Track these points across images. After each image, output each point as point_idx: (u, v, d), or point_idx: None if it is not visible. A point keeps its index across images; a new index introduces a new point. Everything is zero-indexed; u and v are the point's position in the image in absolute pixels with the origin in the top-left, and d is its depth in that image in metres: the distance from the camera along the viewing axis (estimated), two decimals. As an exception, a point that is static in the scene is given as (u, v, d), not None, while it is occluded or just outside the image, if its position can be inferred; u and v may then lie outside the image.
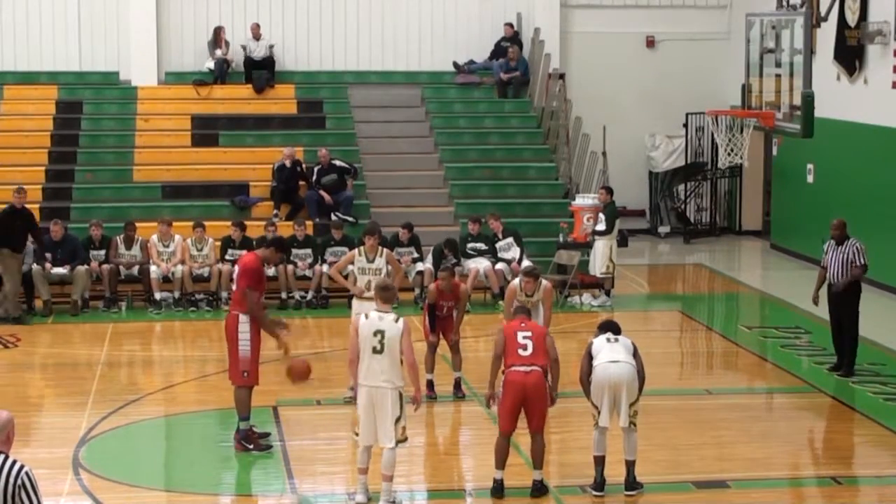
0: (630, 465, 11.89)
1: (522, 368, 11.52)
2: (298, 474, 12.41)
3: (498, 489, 11.65)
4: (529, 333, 11.70)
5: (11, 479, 7.46)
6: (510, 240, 20.88)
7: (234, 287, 13.24)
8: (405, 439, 11.47)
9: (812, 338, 18.07)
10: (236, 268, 13.27)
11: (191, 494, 12.03)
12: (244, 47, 25.43)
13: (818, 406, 15.08)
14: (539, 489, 11.72)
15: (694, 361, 18.53)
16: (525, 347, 11.59)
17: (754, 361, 17.44)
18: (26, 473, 7.49)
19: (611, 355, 11.78)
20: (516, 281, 14.52)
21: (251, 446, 12.95)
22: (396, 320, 11.33)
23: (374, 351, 11.25)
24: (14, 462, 7.52)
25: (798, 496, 12.53)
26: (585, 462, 12.11)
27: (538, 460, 11.72)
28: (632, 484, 11.85)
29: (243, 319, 12.82)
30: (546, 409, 11.71)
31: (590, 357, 11.88)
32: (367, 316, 11.49)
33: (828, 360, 16.53)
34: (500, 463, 11.68)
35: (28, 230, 19.49)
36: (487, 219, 21.00)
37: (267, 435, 13.33)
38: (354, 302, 14.80)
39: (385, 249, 15.04)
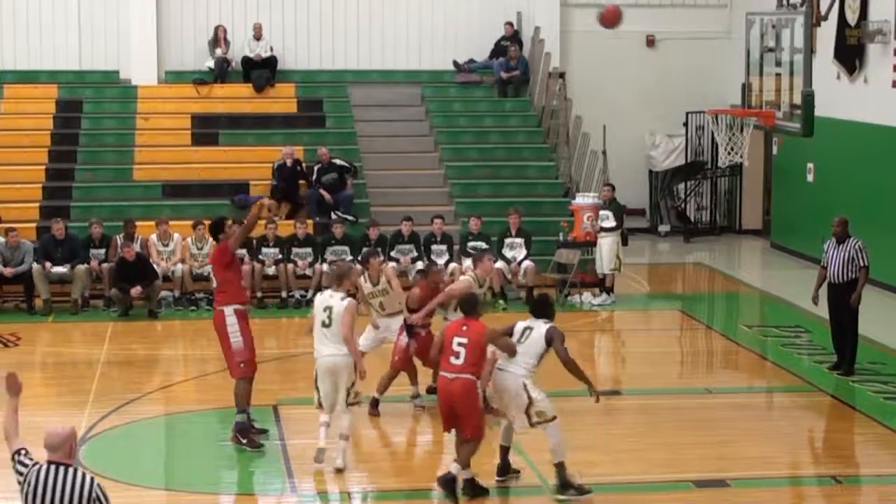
0: (557, 468, 11.56)
1: (449, 375, 11.31)
2: (298, 473, 12.41)
3: (448, 483, 11.44)
4: (465, 340, 11.33)
5: (86, 493, 7.43)
6: (521, 240, 20.89)
7: (213, 285, 13.38)
8: (358, 402, 12.49)
9: (812, 337, 18.07)
10: (209, 267, 13.37)
11: (191, 494, 12.03)
12: (248, 55, 25.36)
13: (818, 405, 15.08)
14: (470, 488, 11.47)
15: (694, 360, 18.52)
16: (457, 355, 11.28)
17: (754, 360, 17.44)
18: (98, 486, 7.47)
19: (505, 362, 11.49)
20: (468, 276, 14.22)
21: (244, 441, 12.98)
22: (343, 299, 12.33)
23: (323, 325, 12.32)
24: (84, 474, 7.49)
25: (798, 495, 12.53)
26: (585, 462, 12.12)
27: (462, 459, 11.45)
28: (560, 487, 11.52)
29: (228, 312, 12.91)
30: (477, 418, 11.34)
31: (507, 333, 11.61)
32: (321, 293, 12.75)
33: (828, 359, 16.52)
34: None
35: None
36: (509, 212, 21.02)
37: (265, 431, 13.34)
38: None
39: (384, 267, 14.99)
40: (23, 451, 7.66)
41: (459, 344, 11.29)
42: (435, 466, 12.98)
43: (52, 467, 7.54)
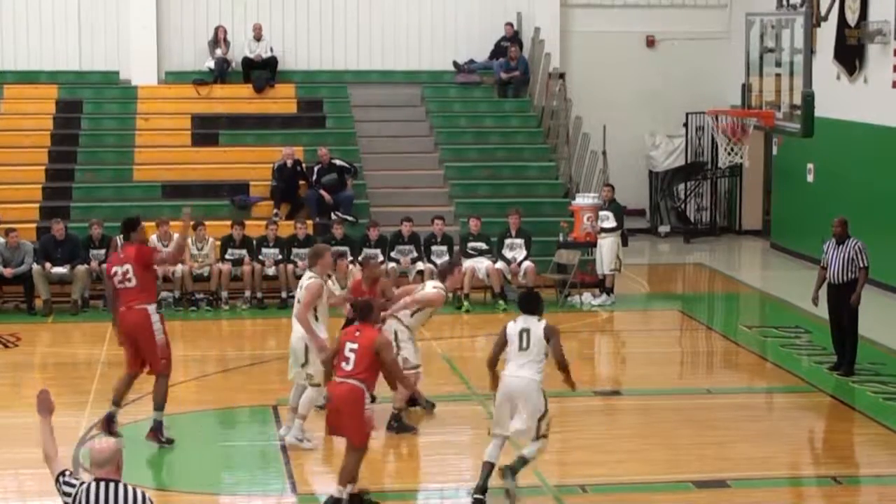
0: (521, 458, 11.33)
1: (338, 380, 11.16)
2: (298, 474, 12.40)
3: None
4: (356, 346, 11.10)
5: None
6: (521, 241, 20.89)
7: (129, 284, 13.11)
8: (317, 384, 12.75)
9: (812, 337, 18.07)
10: (127, 266, 13.10)
11: (191, 494, 12.03)
12: (249, 56, 25.35)
13: (818, 405, 15.09)
14: None
15: (694, 361, 18.53)
16: (348, 361, 11.09)
17: (754, 361, 17.44)
18: (150, 500, 7.30)
19: (515, 368, 11.26)
20: (434, 290, 13.81)
21: (164, 440, 13.18)
22: (310, 279, 12.89)
23: (298, 303, 13.02)
24: (135, 490, 7.32)
25: (798, 496, 12.53)
26: (586, 461, 12.14)
27: (342, 475, 11.19)
28: (511, 471, 11.32)
29: (151, 311, 13.13)
30: (359, 425, 11.06)
31: (503, 344, 11.35)
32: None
33: (828, 359, 16.53)
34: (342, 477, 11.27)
35: None
36: (510, 213, 21.06)
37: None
38: None
39: (352, 270, 14.88)
40: (67, 473, 7.42)
41: (350, 350, 11.10)
42: (436, 466, 13.01)
43: (102, 484, 7.30)
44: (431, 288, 13.90)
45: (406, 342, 13.68)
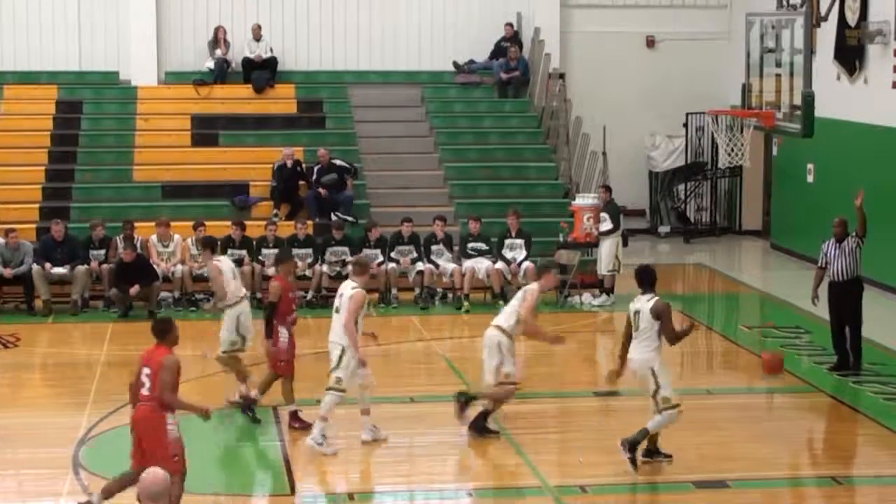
0: (644, 431, 12.20)
1: (140, 404, 10.62)
2: (298, 474, 12.40)
3: None
4: (149, 371, 10.56)
5: None
6: (521, 241, 20.87)
7: None
8: (342, 390, 12.86)
9: (812, 337, 18.06)
10: None
11: (191, 494, 12.01)
12: (249, 56, 25.36)
13: (818, 406, 15.09)
14: None
15: (694, 361, 18.51)
16: (144, 385, 10.54)
17: (754, 361, 17.42)
18: None
19: (632, 350, 12.28)
20: (535, 286, 13.65)
21: None
22: (353, 288, 12.94)
23: (336, 311, 13.04)
24: None
25: (798, 496, 12.53)
26: (586, 462, 12.13)
27: (106, 486, 10.88)
28: (630, 444, 12.17)
29: None
30: (164, 450, 10.48)
31: (628, 327, 12.46)
32: (345, 282, 13.51)
33: (828, 359, 16.52)
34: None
35: None
36: (509, 213, 21.07)
37: None
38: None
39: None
40: None
41: (146, 375, 10.57)
42: (436, 466, 13.00)
43: None
44: (529, 293, 13.51)
45: (508, 355, 13.33)
